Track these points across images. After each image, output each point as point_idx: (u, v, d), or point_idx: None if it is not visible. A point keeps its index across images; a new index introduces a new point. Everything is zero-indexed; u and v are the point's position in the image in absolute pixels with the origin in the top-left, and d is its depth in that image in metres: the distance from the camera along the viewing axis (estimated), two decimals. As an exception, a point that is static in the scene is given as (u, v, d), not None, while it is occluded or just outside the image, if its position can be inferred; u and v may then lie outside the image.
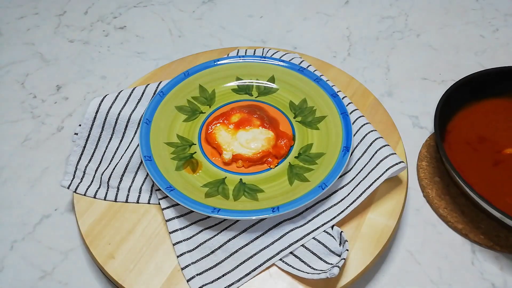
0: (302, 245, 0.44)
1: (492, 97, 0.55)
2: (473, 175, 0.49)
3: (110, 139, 0.53)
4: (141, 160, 0.51)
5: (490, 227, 0.48)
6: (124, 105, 0.54)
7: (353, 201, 0.46)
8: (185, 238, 0.45)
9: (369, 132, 0.51)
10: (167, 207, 0.47)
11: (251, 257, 0.44)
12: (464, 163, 0.49)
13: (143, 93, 0.56)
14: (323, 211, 0.47)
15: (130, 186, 0.50)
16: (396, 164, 0.47)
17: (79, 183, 0.50)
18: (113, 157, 0.52)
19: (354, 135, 0.52)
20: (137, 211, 0.48)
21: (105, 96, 0.54)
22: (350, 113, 0.54)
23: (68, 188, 0.50)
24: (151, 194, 0.50)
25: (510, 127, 0.50)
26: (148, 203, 0.49)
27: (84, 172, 0.51)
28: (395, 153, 0.48)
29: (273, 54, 0.62)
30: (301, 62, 0.60)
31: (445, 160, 0.46)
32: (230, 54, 0.63)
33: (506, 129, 0.51)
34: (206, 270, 0.43)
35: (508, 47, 0.70)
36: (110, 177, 0.50)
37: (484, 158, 0.50)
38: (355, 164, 0.50)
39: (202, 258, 0.44)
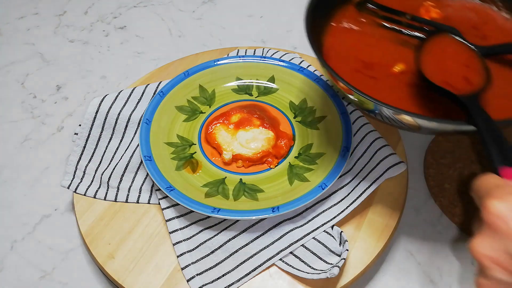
0: (302, 245, 0.44)
1: None
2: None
3: (110, 139, 0.53)
4: (141, 160, 0.51)
5: None
6: (124, 105, 0.54)
7: (353, 201, 0.46)
8: (185, 238, 0.45)
9: (369, 132, 0.51)
10: (167, 207, 0.47)
11: (251, 257, 0.44)
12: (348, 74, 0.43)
13: (143, 93, 0.56)
14: (323, 211, 0.47)
15: (130, 186, 0.50)
16: (396, 164, 0.47)
17: (79, 183, 0.50)
18: (113, 157, 0.52)
19: (354, 135, 0.52)
20: (137, 211, 0.48)
21: (105, 96, 0.54)
22: (350, 113, 0.54)
23: (68, 188, 0.50)
24: (151, 194, 0.50)
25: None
26: (148, 203, 0.49)
27: (84, 172, 0.51)
28: (395, 153, 0.48)
29: (273, 54, 0.62)
30: (301, 62, 0.60)
31: (323, 64, 0.41)
32: (230, 54, 0.63)
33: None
34: (206, 270, 0.43)
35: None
36: (110, 177, 0.50)
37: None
38: (355, 164, 0.50)
39: (202, 258, 0.44)
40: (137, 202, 0.49)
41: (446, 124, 0.37)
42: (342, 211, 0.46)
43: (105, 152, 0.53)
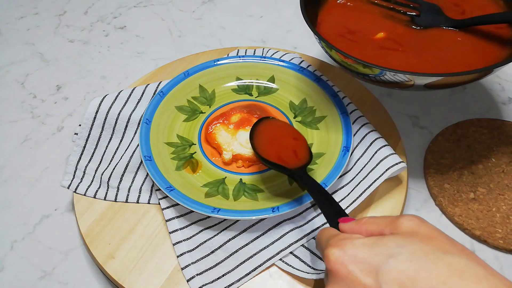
0: (302, 245, 0.44)
1: None
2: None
3: (110, 139, 0.53)
4: (141, 160, 0.51)
5: (508, 230, 0.48)
6: (124, 105, 0.54)
7: (353, 201, 0.46)
8: (185, 238, 0.45)
9: (369, 132, 0.51)
10: (167, 207, 0.47)
11: (251, 257, 0.44)
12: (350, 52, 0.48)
13: (143, 93, 0.56)
14: (323, 211, 0.47)
15: (130, 186, 0.50)
16: (396, 164, 0.47)
17: (79, 183, 0.50)
18: (113, 157, 0.52)
19: (354, 135, 0.52)
20: (137, 211, 0.48)
21: (105, 96, 0.54)
22: (350, 113, 0.54)
23: (68, 188, 0.50)
24: (151, 194, 0.50)
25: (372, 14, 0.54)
26: (148, 203, 0.49)
27: (84, 172, 0.51)
28: (395, 153, 0.48)
29: (273, 54, 0.62)
30: (301, 62, 0.60)
31: (325, 43, 0.46)
32: (230, 54, 0.63)
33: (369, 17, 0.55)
34: (206, 270, 0.43)
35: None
36: (110, 177, 0.50)
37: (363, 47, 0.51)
38: (355, 164, 0.50)
39: (202, 258, 0.44)
40: (137, 202, 0.49)
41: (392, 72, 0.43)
42: (342, 211, 0.46)
43: (105, 152, 0.53)
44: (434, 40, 0.51)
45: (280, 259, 0.44)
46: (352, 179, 0.49)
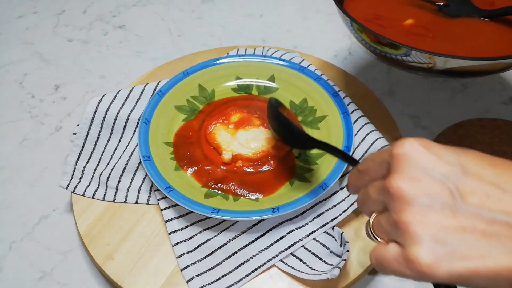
0: (303, 246, 0.44)
1: None
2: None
3: (109, 139, 0.53)
4: (140, 160, 0.50)
5: None
6: (122, 105, 0.54)
7: (354, 202, 0.46)
8: (185, 238, 0.45)
9: (370, 132, 0.51)
10: (166, 208, 0.47)
11: (251, 258, 0.44)
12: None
13: (142, 93, 0.56)
14: (324, 212, 0.46)
15: (128, 187, 0.50)
16: (397, 164, 0.47)
17: (78, 183, 0.50)
18: (111, 157, 0.52)
19: (355, 135, 0.52)
20: (136, 212, 0.48)
21: (103, 96, 0.53)
22: (351, 112, 0.54)
23: (67, 188, 0.49)
24: (150, 194, 0.49)
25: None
26: (147, 203, 0.49)
27: (83, 172, 0.51)
28: (396, 153, 0.48)
29: (273, 53, 0.61)
30: (301, 61, 0.60)
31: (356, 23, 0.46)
32: (230, 53, 0.63)
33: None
34: (206, 271, 0.43)
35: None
36: (108, 177, 0.50)
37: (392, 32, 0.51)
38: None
39: (202, 259, 0.44)
40: (136, 202, 0.49)
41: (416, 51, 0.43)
42: (343, 212, 0.46)
43: (103, 152, 0.52)
44: (463, 29, 0.51)
45: (280, 260, 0.44)
46: (352, 179, 0.49)
